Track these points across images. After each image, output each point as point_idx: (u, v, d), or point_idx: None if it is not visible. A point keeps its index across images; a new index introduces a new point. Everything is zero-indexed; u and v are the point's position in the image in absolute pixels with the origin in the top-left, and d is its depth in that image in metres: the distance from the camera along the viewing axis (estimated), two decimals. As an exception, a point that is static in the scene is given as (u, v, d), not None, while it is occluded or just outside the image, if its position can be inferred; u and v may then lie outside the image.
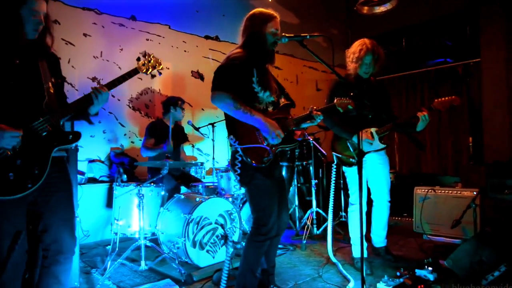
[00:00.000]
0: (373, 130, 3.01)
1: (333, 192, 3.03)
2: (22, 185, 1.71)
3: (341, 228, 4.18)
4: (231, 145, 2.29)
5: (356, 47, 3.05)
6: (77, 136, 1.89)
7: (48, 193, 1.84)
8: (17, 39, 1.78)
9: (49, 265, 1.86)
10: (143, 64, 2.15)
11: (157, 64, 2.19)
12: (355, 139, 2.94)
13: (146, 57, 2.17)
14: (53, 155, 1.82)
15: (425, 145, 6.35)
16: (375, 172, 3.11)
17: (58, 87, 1.98)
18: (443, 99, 2.86)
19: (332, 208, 3.06)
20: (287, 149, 2.38)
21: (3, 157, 1.68)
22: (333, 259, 3.15)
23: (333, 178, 2.97)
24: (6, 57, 1.77)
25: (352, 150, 2.97)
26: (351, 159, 3.01)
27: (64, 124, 1.97)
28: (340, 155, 3.09)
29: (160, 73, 2.24)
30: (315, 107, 2.44)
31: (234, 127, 2.24)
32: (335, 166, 3.03)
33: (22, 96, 1.77)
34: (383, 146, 3.03)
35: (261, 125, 2.18)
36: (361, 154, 2.69)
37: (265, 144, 2.22)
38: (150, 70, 2.17)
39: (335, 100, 2.55)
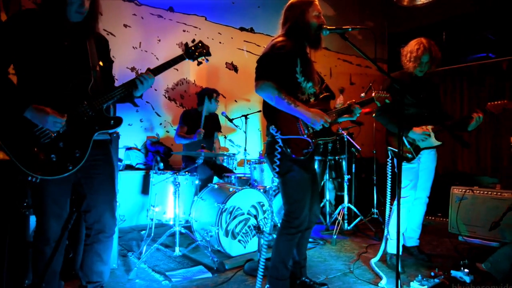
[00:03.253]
0: (429, 127, 3.00)
1: (389, 187, 2.98)
2: (63, 166, 1.76)
3: (373, 225, 4.13)
4: (270, 135, 2.27)
5: (413, 46, 3.02)
6: (118, 121, 1.90)
7: (92, 175, 1.90)
8: (64, 21, 1.78)
9: (91, 243, 1.95)
10: (191, 50, 2.09)
11: (204, 51, 2.11)
12: (411, 134, 2.98)
13: (195, 43, 2.11)
14: (96, 138, 1.86)
15: (470, 144, 6.13)
16: (425, 169, 3.12)
17: (106, 70, 1.99)
18: (496, 102, 2.86)
19: (389, 200, 3.00)
20: (328, 141, 2.38)
21: (47, 138, 1.74)
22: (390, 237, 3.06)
23: (388, 172, 2.95)
24: (55, 38, 1.78)
25: (408, 146, 3.00)
26: (407, 154, 3.03)
27: (108, 108, 1.99)
28: (396, 150, 3.09)
29: (207, 60, 2.15)
30: (354, 101, 2.44)
31: (275, 117, 2.23)
32: (389, 161, 3.02)
33: (68, 78, 1.79)
34: (438, 143, 3.02)
35: (304, 116, 2.18)
36: (417, 149, 2.82)
37: (305, 135, 2.23)
38: (197, 55, 2.10)
39: (373, 94, 2.56)
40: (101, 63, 1.95)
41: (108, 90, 1.89)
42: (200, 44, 2.12)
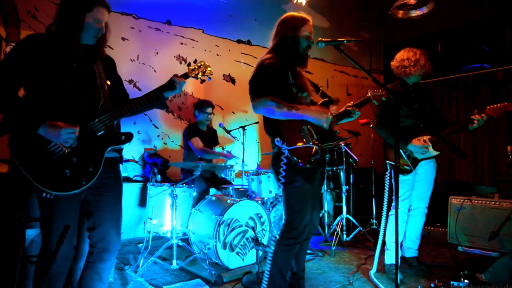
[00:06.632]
0: (426, 138, 2.99)
1: (386, 200, 2.99)
2: (77, 181, 1.78)
3: (372, 236, 4.11)
4: (276, 147, 2.27)
5: (408, 52, 3.09)
6: (129, 136, 1.93)
7: (100, 193, 1.90)
8: (75, 44, 1.84)
9: (93, 261, 1.93)
10: (193, 70, 2.18)
11: (206, 70, 2.21)
12: (410, 147, 2.98)
13: (197, 63, 2.21)
14: (106, 156, 1.88)
15: (467, 153, 6.13)
16: (424, 179, 3.10)
17: (115, 88, 2.05)
18: (496, 105, 2.81)
19: (385, 215, 3.04)
20: (333, 146, 2.40)
21: (61, 154, 1.77)
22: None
23: (386, 185, 2.96)
24: (65, 60, 1.84)
25: (405, 158, 3.00)
26: (405, 167, 3.02)
27: (119, 125, 2.02)
28: (394, 163, 3.08)
29: (209, 78, 2.25)
30: (352, 103, 2.47)
31: (278, 129, 2.23)
32: (388, 174, 3.02)
33: (79, 97, 1.84)
34: (437, 153, 3.00)
35: (307, 117, 2.19)
36: (414, 162, 2.80)
37: (311, 142, 2.22)
38: (200, 75, 2.19)
39: (369, 93, 2.59)
40: (108, 82, 2.00)
41: (120, 106, 1.93)
42: (202, 64, 2.21)
